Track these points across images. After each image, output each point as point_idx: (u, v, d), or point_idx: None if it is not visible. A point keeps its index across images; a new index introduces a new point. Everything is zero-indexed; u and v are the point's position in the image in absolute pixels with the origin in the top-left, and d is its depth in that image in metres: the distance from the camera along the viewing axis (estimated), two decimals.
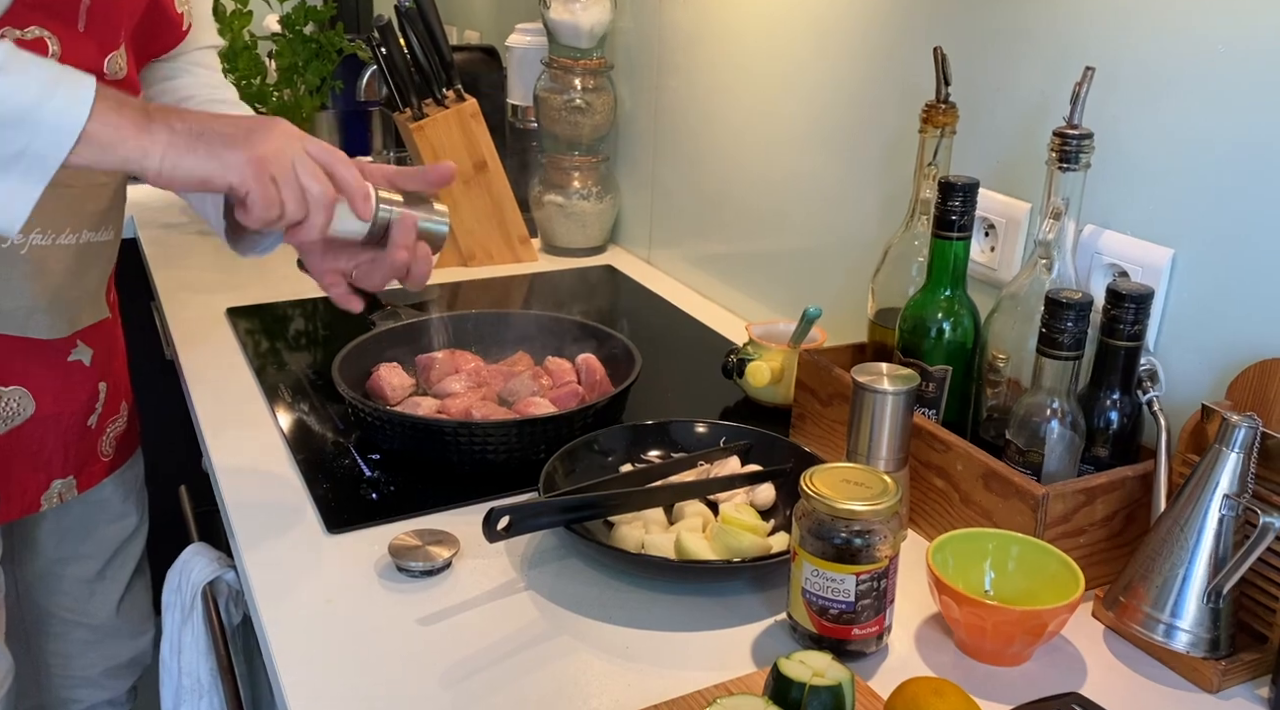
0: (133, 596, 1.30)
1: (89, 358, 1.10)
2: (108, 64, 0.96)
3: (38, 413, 1.05)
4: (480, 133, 1.61)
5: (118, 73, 0.97)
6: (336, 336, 1.13)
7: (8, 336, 1.01)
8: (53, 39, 0.89)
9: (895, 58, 1.18)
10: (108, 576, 1.26)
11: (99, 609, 1.26)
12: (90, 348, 1.10)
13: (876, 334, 1.08)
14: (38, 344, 1.03)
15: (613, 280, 1.66)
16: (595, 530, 0.91)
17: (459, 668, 0.77)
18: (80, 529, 1.22)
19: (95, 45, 0.94)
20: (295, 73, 1.84)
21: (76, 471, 1.13)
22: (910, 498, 0.94)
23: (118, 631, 1.28)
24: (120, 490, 1.24)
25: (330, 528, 0.93)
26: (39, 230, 0.99)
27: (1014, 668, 0.79)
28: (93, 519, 1.22)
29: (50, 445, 1.08)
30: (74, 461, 1.12)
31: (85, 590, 1.24)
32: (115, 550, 1.25)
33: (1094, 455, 0.89)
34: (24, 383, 1.03)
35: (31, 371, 1.04)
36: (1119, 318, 0.86)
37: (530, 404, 1.09)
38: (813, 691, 0.66)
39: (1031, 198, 1.03)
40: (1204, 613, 0.78)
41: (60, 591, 1.24)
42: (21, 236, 0.98)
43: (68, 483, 1.12)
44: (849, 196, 1.28)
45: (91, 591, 1.25)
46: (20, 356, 1.02)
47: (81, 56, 0.92)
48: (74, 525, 1.21)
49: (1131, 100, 0.93)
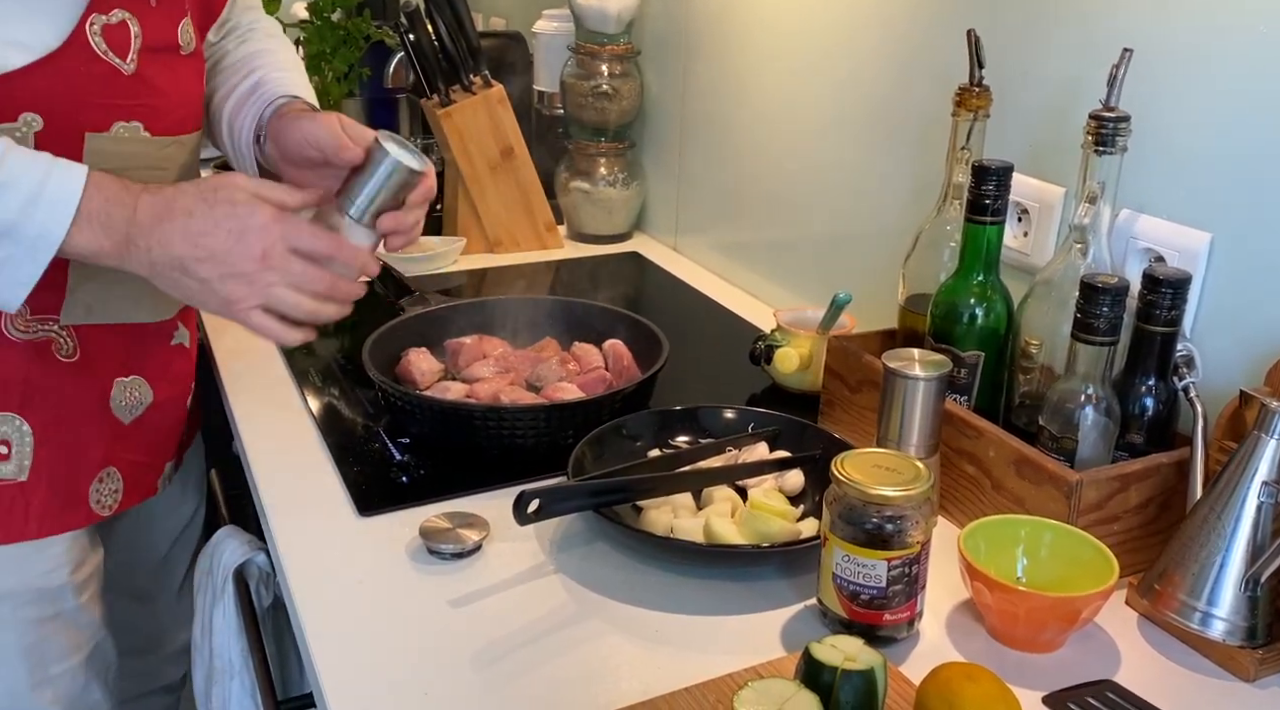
0: (190, 583, 1.28)
1: (188, 339, 1.10)
2: (180, 34, 0.96)
3: (156, 399, 1.04)
4: (507, 119, 1.61)
5: (189, 44, 0.98)
6: (365, 322, 1.14)
7: (122, 327, 0.99)
8: (133, 20, 0.90)
9: (927, 41, 1.17)
10: (170, 561, 1.24)
11: (161, 593, 1.24)
12: (186, 329, 1.10)
13: (907, 320, 1.07)
14: (147, 330, 1.02)
15: (639, 267, 1.65)
16: (624, 514, 0.91)
17: (489, 650, 0.78)
18: (154, 514, 1.20)
19: (167, 19, 0.94)
20: (323, 60, 1.85)
21: (178, 453, 1.13)
22: (941, 484, 0.94)
23: (175, 617, 1.26)
24: (186, 473, 1.22)
25: (361, 510, 0.94)
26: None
27: (1047, 655, 0.79)
28: (165, 505, 1.20)
29: (165, 430, 1.08)
30: (177, 443, 1.12)
31: (151, 574, 1.22)
32: (178, 535, 1.24)
33: (1128, 442, 0.88)
34: (141, 371, 1.02)
35: (146, 359, 1.03)
36: (1155, 303, 0.85)
37: (558, 389, 1.09)
38: (845, 676, 0.66)
39: (1066, 182, 1.02)
40: (1241, 601, 0.77)
41: (130, 577, 1.20)
42: None
43: (173, 464, 1.12)
44: (879, 181, 1.27)
45: (155, 575, 1.23)
46: (135, 345, 1.01)
47: (158, 32, 0.93)
48: (150, 511, 1.19)
49: (1168, 82, 0.91)
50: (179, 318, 1.07)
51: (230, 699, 1.04)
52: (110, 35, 0.89)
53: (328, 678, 0.75)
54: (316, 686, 0.76)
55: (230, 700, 1.04)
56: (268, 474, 1.01)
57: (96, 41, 0.88)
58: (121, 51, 0.90)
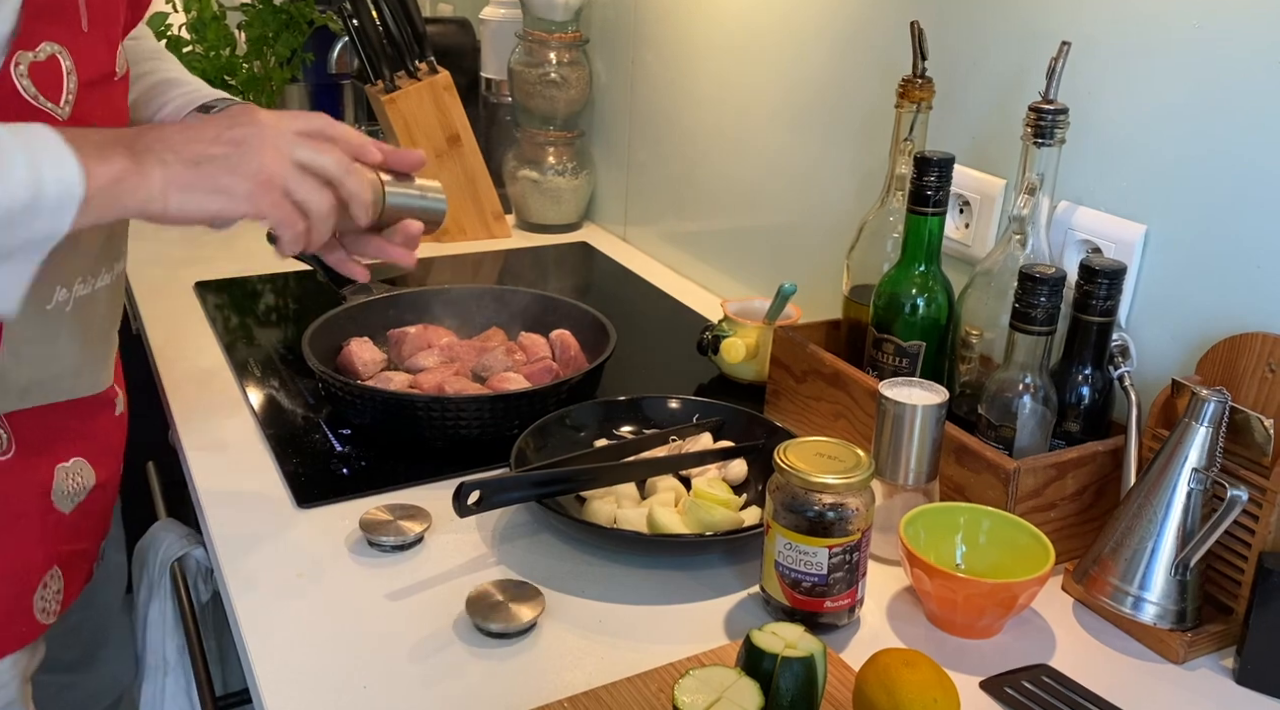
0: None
1: (123, 403, 0.98)
2: (118, 58, 0.87)
3: (99, 479, 0.93)
4: (453, 106, 1.59)
5: (123, 66, 0.89)
6: (306, 311, 1.12)
7: (60, 406, 0.87)
8: (64, 53, 0.79)
9: (872, 32, 1.17)
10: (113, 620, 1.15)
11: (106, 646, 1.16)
12: (121, 393, 0.98)
13: (851, 310, 1.08)
14: (85, 405, 0.90)
15: (588, 257, 1.65)
16: (567, 505, 0.91)
17: (429, 642, 0.77)
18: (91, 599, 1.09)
19: (103, 42, 0.85)
20: (265, 44, 1.81)
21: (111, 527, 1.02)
22: None
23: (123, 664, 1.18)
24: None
25: (300, 502, 0.92)
26: (81, 279, 0.86)
27: (984, 640, 0.80)
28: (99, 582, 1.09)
29: (103, 511, 0.97)
30: (111, 517, 1.01)
31: (92, 640, 1.14)
32: (120, 595, 1.15)
33: (1065, 430, 0.90)
34: (83, 452, 0.91)
35: (88, 437, 0.92)
36: (1091, 293, 0.86)
37: (504, 379, 1.08)
38: (785, 663, 0.66)
39: (1006, 174, 1.03)
40: (1171, 585, 0.79)
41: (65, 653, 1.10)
42: (65, 290, 0.84)
43: (108, 539, 1.02)
44: (825, 172, 1.27)
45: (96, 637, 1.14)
46: (76, 422, 0.90)
47: (93, 61, 0.82)
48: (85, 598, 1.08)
49: (1106, 76, 0.93)
50: (115, 383, 0.97)
51: (164, 696, 1.01)
52: (39, 76, 0.77)
53: (264, 673, 0.73)
54: (252, 681, 0.74)
55: (164, 697, 1.01)
56: (205, 465, 0.99)
57: (25, 85, 0.76)
58: (54, 93, 0.78)
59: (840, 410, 1.01)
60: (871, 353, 1.01)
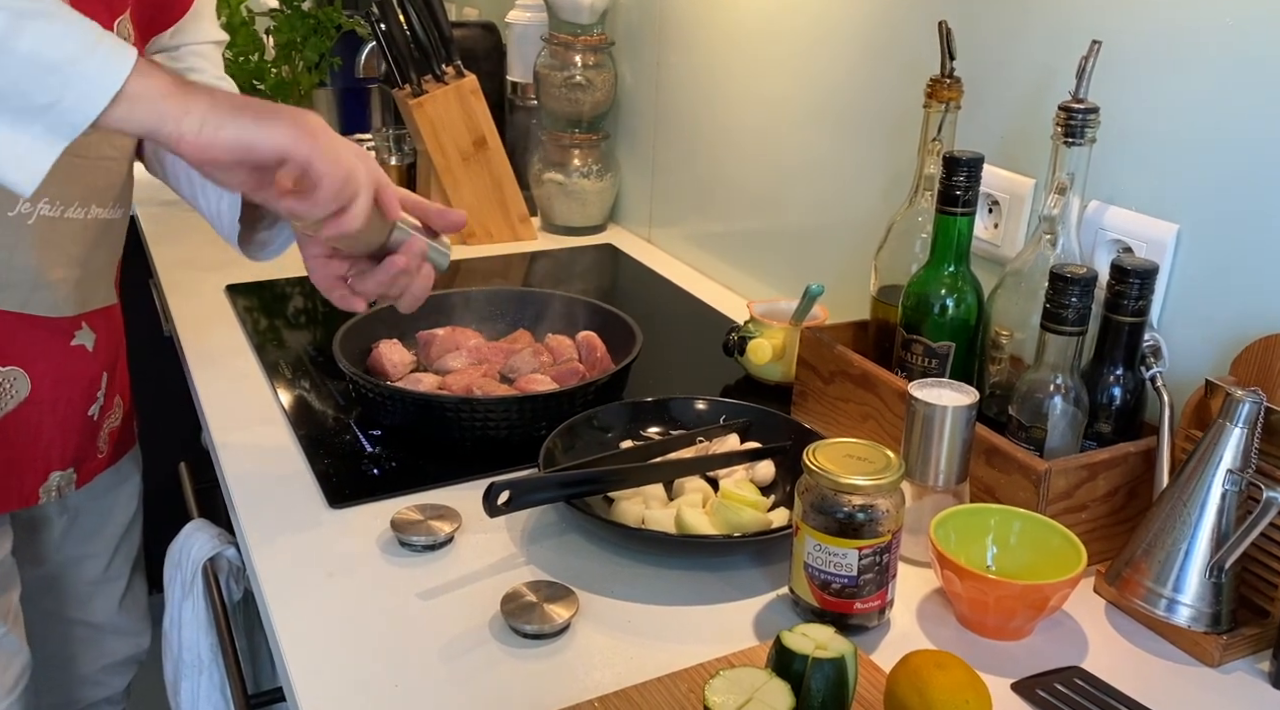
0: (132, 593, 1.27)
1: (92, 343, 1.04)
2: (116, 28, 0.91)
3: (33, 395, 0.99)
4: (480, 109, 1.60)
5: (125, 39, 0.92)
6: (336, 314, 1.13)
7: (8, 313, 0.95)
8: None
9: (899, 33, 1.17)
10: (111, 575, 1.23)
11: (101, 608, 1.23)
12: (94, 332, 1.04)
13: (879, 311, 1.08)
14: (40, 323, 0.97)
15: (613, 259, 1.65)
16: (595, 505, 0.91)
17: (460, 641, 0.77)
18: (89, 529, 1.18)
19: (104, 7, 0.88)
20: (293, 49, 1.82)
21: (77, 464, 1.07)
22: None
23: (117, 629, 1.26)
24: (121, 486, 1.21)
25: (332, 502, 0.93)
26: (46, 199, 0.93)
27: (1016, 642, 0.79)
28: (101, 519, 1.19)
29: (48, 433, 1.02)
30: (73, 452, 1.06)
31: (89, 591, 1.21)
32: (115, 548, 1.22)
33: (1097, 431, 0.89)
34: (21, 364, 0.97)
35: (31, 352, 0.98)
36: (1123, 293, 0.86)
37: (531, 380, 1.09)
38: (816, 664, 0.66)
39: (1036, 173, 1.03)
40: (1206, 588, 0.78)
41: (65, 593, 1.20)
42: (29, 204, 0.91)
43: (67, 475, 1.06)
44: (852, 173, 1.27)
45: (94, 591, 1.22)
46: (21, 335, 0.96)
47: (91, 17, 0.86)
48: (83, 526, 1.18)
49: (1137, 74, 0.92)
50: (85, 320, 1.02)
51: (199, 694, 1.03)
52: None
53: (297, 671, 0.74)
54: (286, 680, 0.75)
55: (199, 695, 1.03)
56: (237, 466, 1.00)
57: None
58: None
59: (869, 412, 1.00)
60: (900, 354, 1.01)
